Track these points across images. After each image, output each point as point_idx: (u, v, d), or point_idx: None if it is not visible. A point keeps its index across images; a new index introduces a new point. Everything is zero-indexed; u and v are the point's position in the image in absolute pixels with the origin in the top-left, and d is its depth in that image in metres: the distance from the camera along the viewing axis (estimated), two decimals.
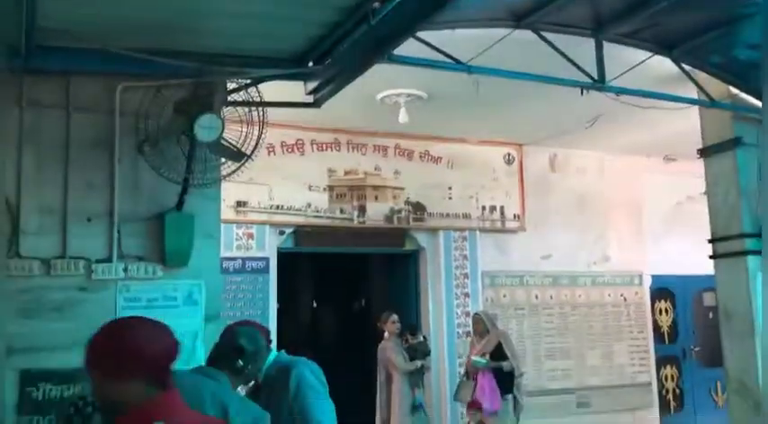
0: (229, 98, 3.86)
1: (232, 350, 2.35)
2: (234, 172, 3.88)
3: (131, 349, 1.55)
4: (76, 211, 3.74)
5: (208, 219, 4.00)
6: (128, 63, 3.61)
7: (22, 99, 3.69)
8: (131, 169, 3.83)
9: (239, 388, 2.48)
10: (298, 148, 7.40)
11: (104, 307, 3.70)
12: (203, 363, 3.39)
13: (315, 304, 11.66)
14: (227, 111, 3.83)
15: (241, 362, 2.34)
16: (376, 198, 7.66)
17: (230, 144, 3.83)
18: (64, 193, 3.73)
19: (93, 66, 3.68)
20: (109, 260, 3.76)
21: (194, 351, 3.82)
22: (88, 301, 3.68)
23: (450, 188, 8.00)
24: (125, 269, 3.77)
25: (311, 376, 2.72)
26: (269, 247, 7.20)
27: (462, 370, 7.19)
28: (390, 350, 6.75)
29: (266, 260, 7.17)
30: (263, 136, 3.88)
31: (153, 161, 3.65)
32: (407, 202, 7.79)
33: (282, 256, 7.32)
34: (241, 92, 3.89)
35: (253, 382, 2.66)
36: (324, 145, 7.55)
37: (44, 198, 3.69)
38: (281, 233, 7.30)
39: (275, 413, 2.33)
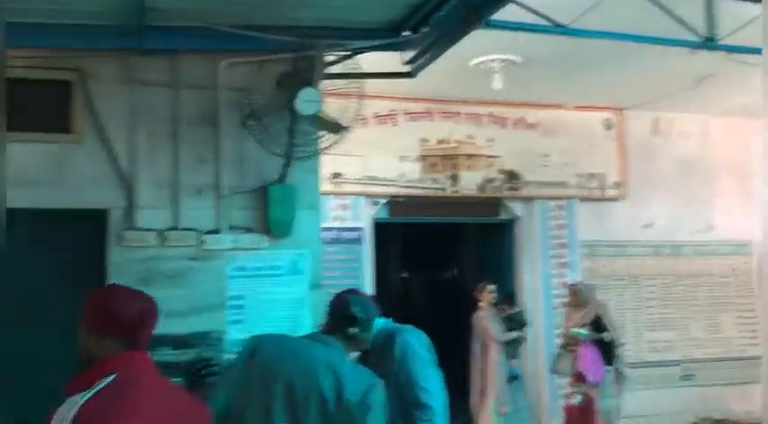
0: (328, 70, 3.89)
1: (344, 318, 2.40)
2: (333, 144, 3.94)
3: (111, 312, 1.74)
4: (187, 184, 3.91)
5: (309, 191, 4.09)
6: (230, 40, 3.69)
7: (133, 78, 3.86)
8: (236, 143, 3.95)
9: (351, 355, 2.54)
10: (390, 119, 7.42)
11: (215, 276, 3.86)
12: (308, 330, 3.51)
13: (405, 274, 11.75)
14: (327, 84, 3.88)
15: (354, 329, 2.38)
16: (469, 167, 7.59)
17: (329, 117, 3.89)
18: (175, 167, 3.89)
19: (197, 44, 3.79)
20: (218, 231, 3.91)
21: (299, 319, 3.94)
22: (199, 270, 3.86)
23: (545, 155, 7.83)
24: (233, 240, 3.92)
25: (416, 344, 2.75)
26: (364, 218, 7.31)
27: (560, 342, 7.09)
28: (486, 320, 6.74)
29: (361, 230, 7.28)
30: (360, 107, 3.91)
31: (257, 135, 3.75)
32: (502, 171, 7.67)
33: (375, 226, 7.41)
34: (339, 65, 3.92)
35: (361, 350, 2.72)
36: (416, 115, 7.53)
37: (157, 173, 3.87)
38: (375, 203, 7.37)
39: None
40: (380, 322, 2.77)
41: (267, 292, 3.94)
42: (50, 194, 3.72)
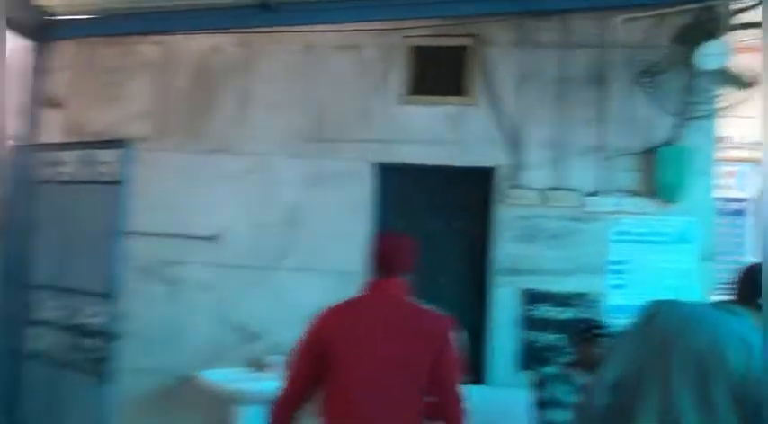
0: (735, 21, 3.51)
1: (755, 289, 2.16)
2: (736, 103, 3.55)
3: (374, 251, 2.29)
4: (570, 145, 3.91)
5: (702, 154, 3.78)
6: None
7: (524, 40, 3.97)
8: (625, 102, 3.82)
9: None
10: None
11: (595, 239, 3.83)
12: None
13: None
14: (732, 37, 3.50)
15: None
16: None
17: (733, 72, 3.51)
18: (559, 128, 3.92)
19: (591, 3, 3.73)
20: (600, 193, 3.85)
21: (686, 291, 3.70)
22: (580, 231, 3.85)
23: None
24: (616, 203, 3.83)
25: None
26: (751, 188, 6.52)
27: None
28: None
29: (746, 201, 6.51)
30: None
31: (650, 93, 3.57)
32: None
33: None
34: (749, 13, 3.50)
35: None
36: None
37: (541, 133, 3.95)
38: None
39: None
40: None
41: (651, 259, 3.77)
42: (446, 152, 4.05)
